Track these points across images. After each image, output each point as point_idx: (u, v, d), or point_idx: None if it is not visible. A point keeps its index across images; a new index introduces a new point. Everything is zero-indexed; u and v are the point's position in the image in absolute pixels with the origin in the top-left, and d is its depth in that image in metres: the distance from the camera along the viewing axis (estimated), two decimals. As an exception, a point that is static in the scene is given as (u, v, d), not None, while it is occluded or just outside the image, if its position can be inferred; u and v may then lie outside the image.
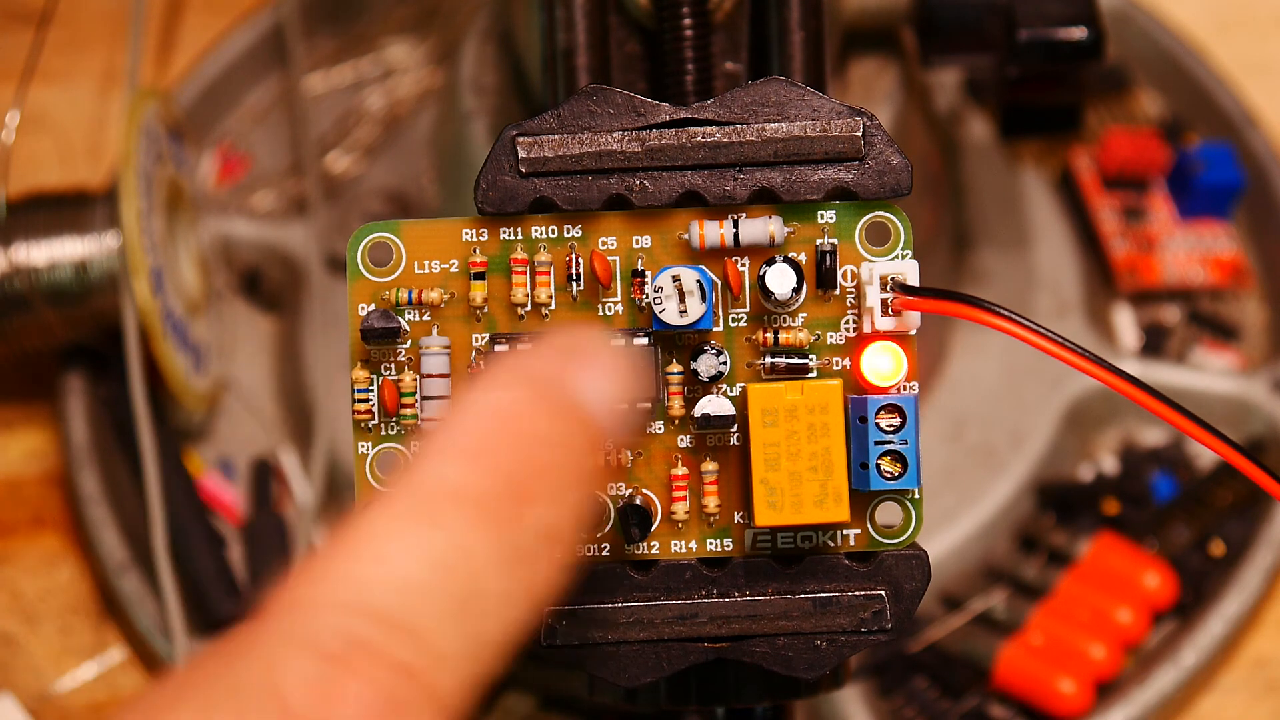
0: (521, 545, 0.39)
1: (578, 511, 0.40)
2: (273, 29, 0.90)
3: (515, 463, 0.39)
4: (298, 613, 0.37)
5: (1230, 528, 0.78)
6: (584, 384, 0.41)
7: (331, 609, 0.37)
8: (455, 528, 0.38)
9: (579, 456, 0.40)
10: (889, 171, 0.48)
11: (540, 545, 0.39)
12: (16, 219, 0.78)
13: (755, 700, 0.55)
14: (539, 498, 0.39)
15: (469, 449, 0.39)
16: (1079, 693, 0.73)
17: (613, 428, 0.41)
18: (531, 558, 0.39)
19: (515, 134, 0.49)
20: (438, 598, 0.37)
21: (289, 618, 0.37)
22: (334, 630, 0.36)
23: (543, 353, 0.41)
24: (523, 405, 0.40)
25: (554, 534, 0.39)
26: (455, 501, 0.38)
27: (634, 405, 0.44)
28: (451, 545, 0.38)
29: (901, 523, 0.49)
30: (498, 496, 0.39)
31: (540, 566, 0.39)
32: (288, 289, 0.84)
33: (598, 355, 0.41)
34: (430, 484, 0.39)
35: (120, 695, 0.77)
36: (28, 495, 0.82)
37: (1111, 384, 0.46)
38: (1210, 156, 0.84)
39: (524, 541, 0.39)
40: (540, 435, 0.40)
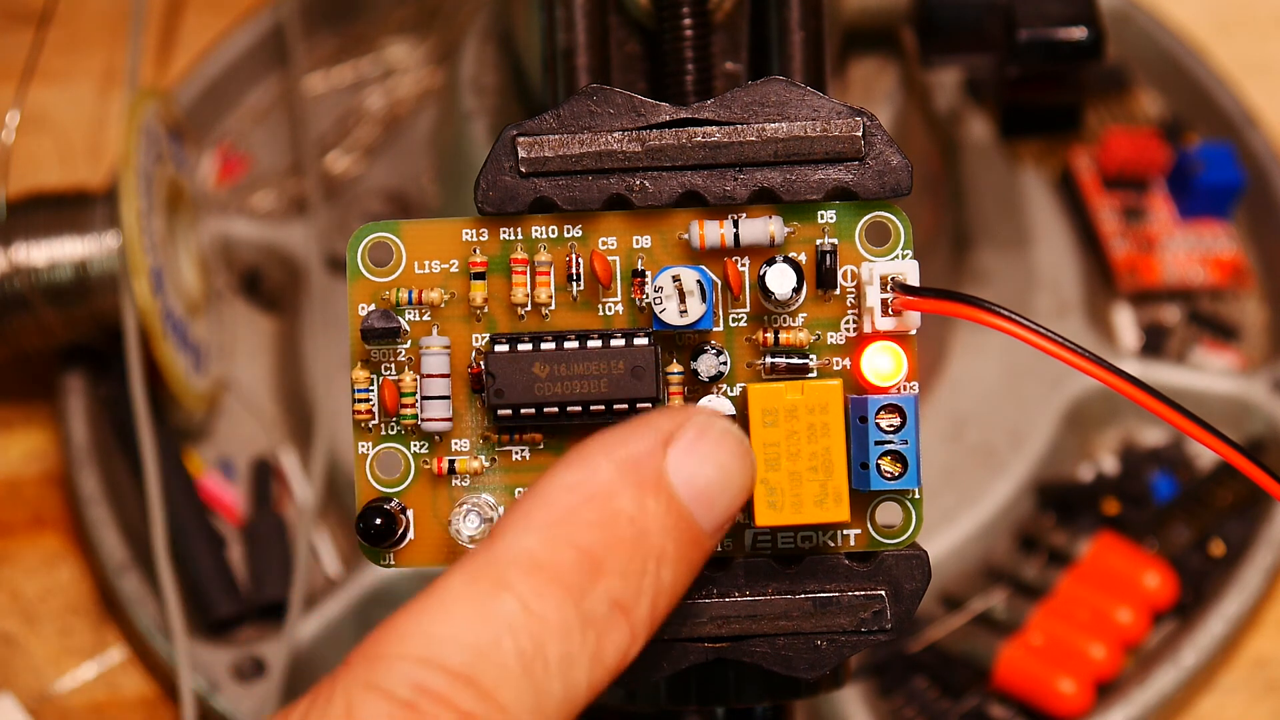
0: (589, 613, 0.42)
1: (655, 586, 0.43)
2: (273, 29, 0.90)
3: (592, 536, 0.43)
4: (375, 663, 0.41)
5: (1230, 528, 0.78)
6: (675, 467, 0.44)
7: (405, 661, 0.41)
8: (524, 593, 0.42)
9: (659, 535, 0.43)
10: (889, 171, 0.48)
11: (610, 614, 0.42)
12: (16, 219, 0.78)
13: (755, 700, 0.55)
14: (612, 571, 0.43)
15: (548, 521, 0.43)
16: (1079, 693, 0.73)
17: (702, 512, 0.44)
18: (600, 625, 0.42)
19: (515, 134, 0.49)
20: (503, 656, 0.41)
21: (367, 667, 0.41)
22: (406, 679, 0.41)
23: (638, 432, 0.44)
24: (608, 482, 0.43)
25: (624, 605, 0.43)
26: (528, 569, 0.42)
27: (730, 493, 0.45)
28: (518, 609, 0.42)
29: (901, 523, 0.49)
30: (570, 567, 0.42)
31: (609, 634, 0.42)
32: (288, 289, 0.84)
33: (695, 440, 0.44)
34: (507, 551, 0.42)
35: (120, 695, 0.77)
36: (28, 495, 0.82)
37: (1111, 384, 0.46)
38: (1210, 156, 0.84)
39: (592, 610, 0.42)
40: (620, 512, 0.43)
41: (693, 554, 0.45)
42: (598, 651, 0.42)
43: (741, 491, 0.46)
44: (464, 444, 0.49)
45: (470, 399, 0.49)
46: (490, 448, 0.49)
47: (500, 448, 0.49)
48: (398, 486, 0.49)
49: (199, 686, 0.73)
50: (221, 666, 0.74)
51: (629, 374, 0.48)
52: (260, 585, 0.77)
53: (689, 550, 0.44)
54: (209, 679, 0.74)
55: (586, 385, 0.48)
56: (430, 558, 0.50)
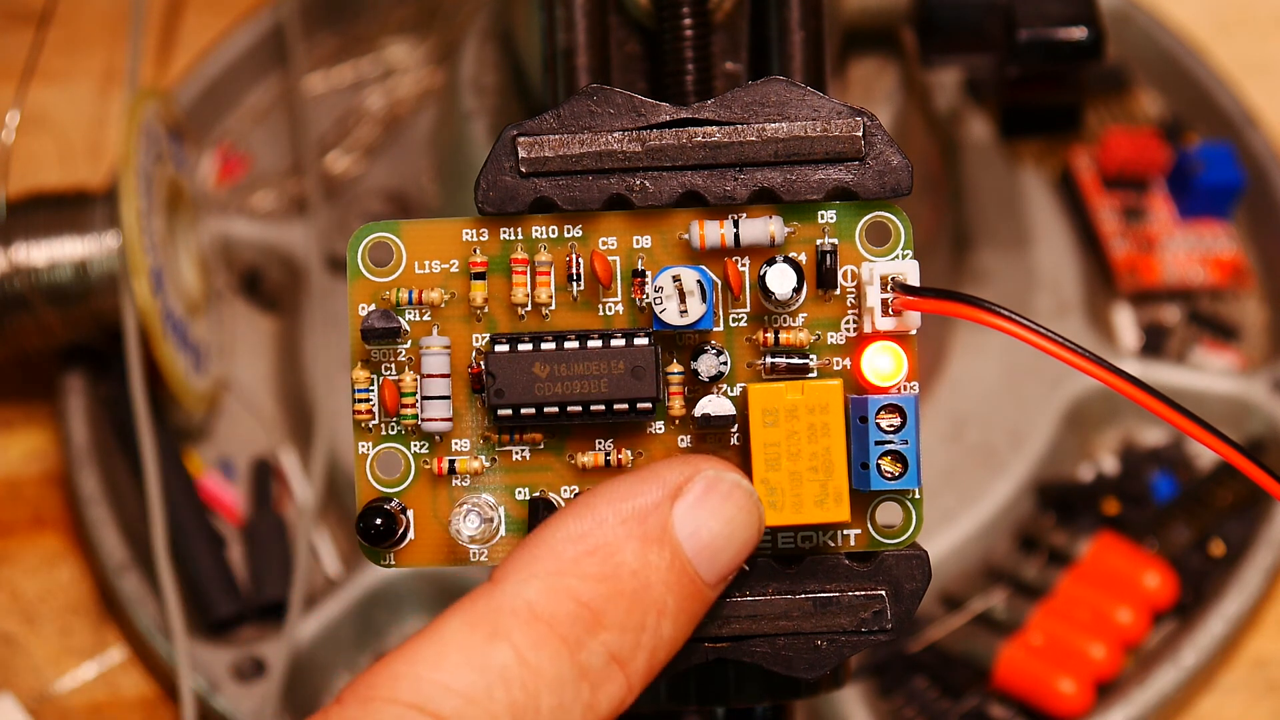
0: (585, 665, 0.42)
1: (654, 639, 0.43)
2: (273, 29, 0.90)
3: (591, 589, 0.43)
4: (367, 705, 0.41)
5: (1230, 528, 0.78)
6: (681, 520, 0.44)
7: (395, 704, 0.41)
8: (519, 643, 0.42)
9: (661, 588, 0.44)
10: (889, 171, 0.48)
11: (606, 667, 0.43)
12: (16, 219, 0.78)
13: (755, 700, 0.55)
14: (611, 624, 0.43)
15: (549, 571, 0.43)
16: (1079, 693, 0.73)
17: (705, 565, 0.44)
18: (595, 677, 0.42)
19: (515, 134, 0.49)
20: (495, 707, 0.41)
21: (358, 707, 0.41)
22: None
23: (646, 484, 0.44)
24: (611, 534, 0.43)
25: (621, 658, 0.43)
26: (525, 619, 0.42)
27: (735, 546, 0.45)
28: (513, 659, 0.42)
29: (902, 523, 0.49)
30: (568, 618, 0.42)
31: (604, 686, 0.42)
32: (288, 289, 0.84)
33: (704, 494, 0.44)
34: (505, 600, 0.43)
35: (120, 695, 0.77)
36: (28, 495, 0.82)
37: (1111, 384, 0.46)
38: (1210, 156, 0.84)
39: (588, 662, 0.42)
40: (623, 566, 0.43)
41: (693, 606, 0.45)
42: (592, 703, 0.42)
43: (747, 544, 0.46)
44: (464, 444, 0.49)
45: (470, 399, 0.49)
46: (490, 448, 0.49)
47: (500, 448, 0.49)
48: (398, 486, 0.49)
49: (199, 686, 0.73)
50: (221, 666, 0.74)
51: (629, 374, 0.48)
52: (260, 585, 0.77)
53: (689, 603, 0.44)
54: (209, 679, 0.74)
55: (586, 385, 0.48)
56: (430, 558, 0.49)
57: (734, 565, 0.45)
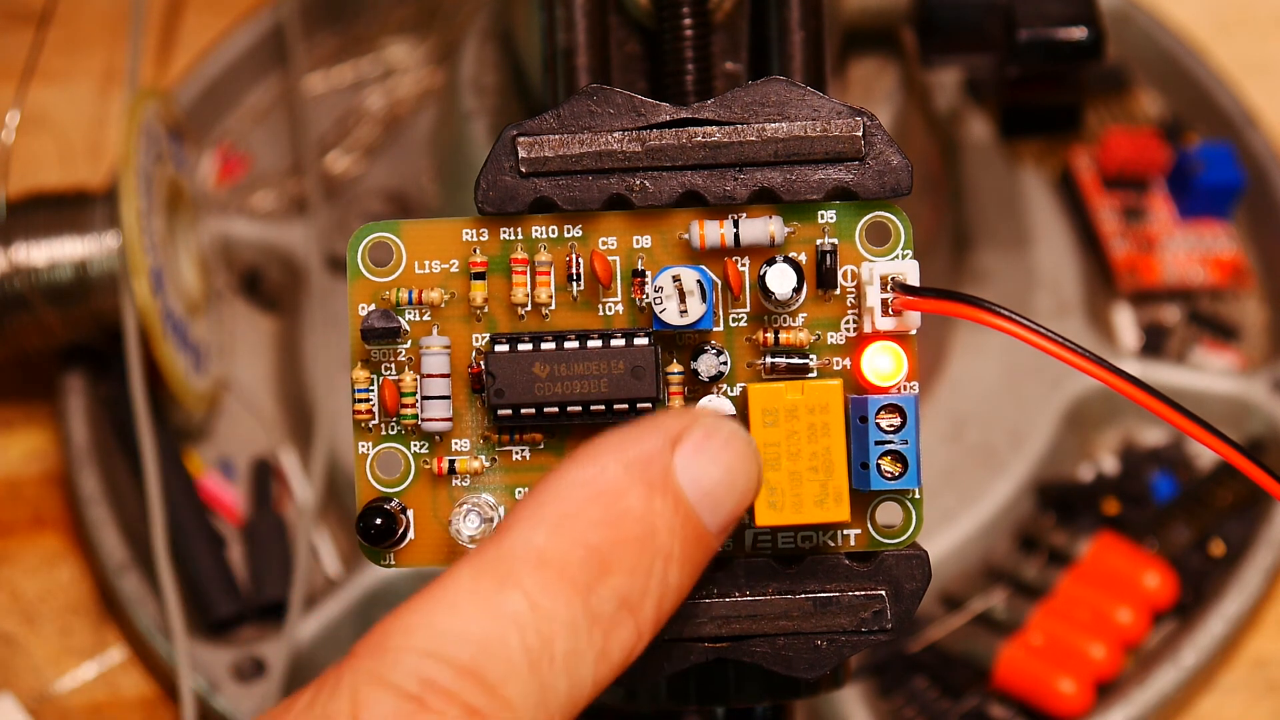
0: (596, 610, 0.42)
1: (662, 585, 0.43)
2: (273, 29, 0.90)
3: (599, 534, 0.43)
4: (382, 655, 0.41)
5: (1230, 528, 0.78)
6: (682, 467, 0.44)
7: (411, 654, 0.41)
8: (531, 589, 0.42)
9: (666, 534, 0.43)
10: (889, 171, 0.48)
11: (616, 612, 0.43)
12: (16, 219, 0.78)
13: (755, 700, 0.55)
14: (619, 568, 0.43)
15: (556, 518, 0.43)
16: (1079, 693, 0.73)
17: (708, 512, 0.44)
18: (606, 623, 0.42)
19: (515, 134, 0.49)
20: (508, 651, 0.41)
21: (373, 658, 0.41)
22: (412, 673, 0.40)
23: (646, 432, 0.44)
24: (616, 481, 0.43)
25: (631, 603, 0.43)
26: (535, 565, 0.42)
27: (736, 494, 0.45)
28: (526, 605, 0.42)
29: (902, 523, 0.49)
30: (577, 563, 0.42)
31: (616, 632, 0.42)
32: (288, 289, 0.84)
33: (702, 441, 0.44)
34: (515, 547, 0.42)
35: (120, 695, 0.77)
36: (28, 495, 0.82)
37: (1111, 384, 0.46)
38: (1210, 156, 0.84)
39: (599, 607, 0.42)
40: (629, 511, 0.43)
41: (698, 554, 0.45)
42: (604, 649, 0.42)
43: (747, 493, 0.46)
44: (464, 444, 0.49)
45: (470, 399, 0.49)
46: (490, 448, 0.49)
47: (500, 448, 0.49)
48: (398, 486, 0.49)
49: (199, 686, 0.73)
50: (221, 666, 0.74)
51: (629, 374, 0.48)
52: (260, 585, 0.77)
53: (694, 550, 0.44)
54: (209, 679, 0.74)
55: (586, 385, 0.48)
56: (430, 558, 0.50)
57: (735, 514, 0.45)
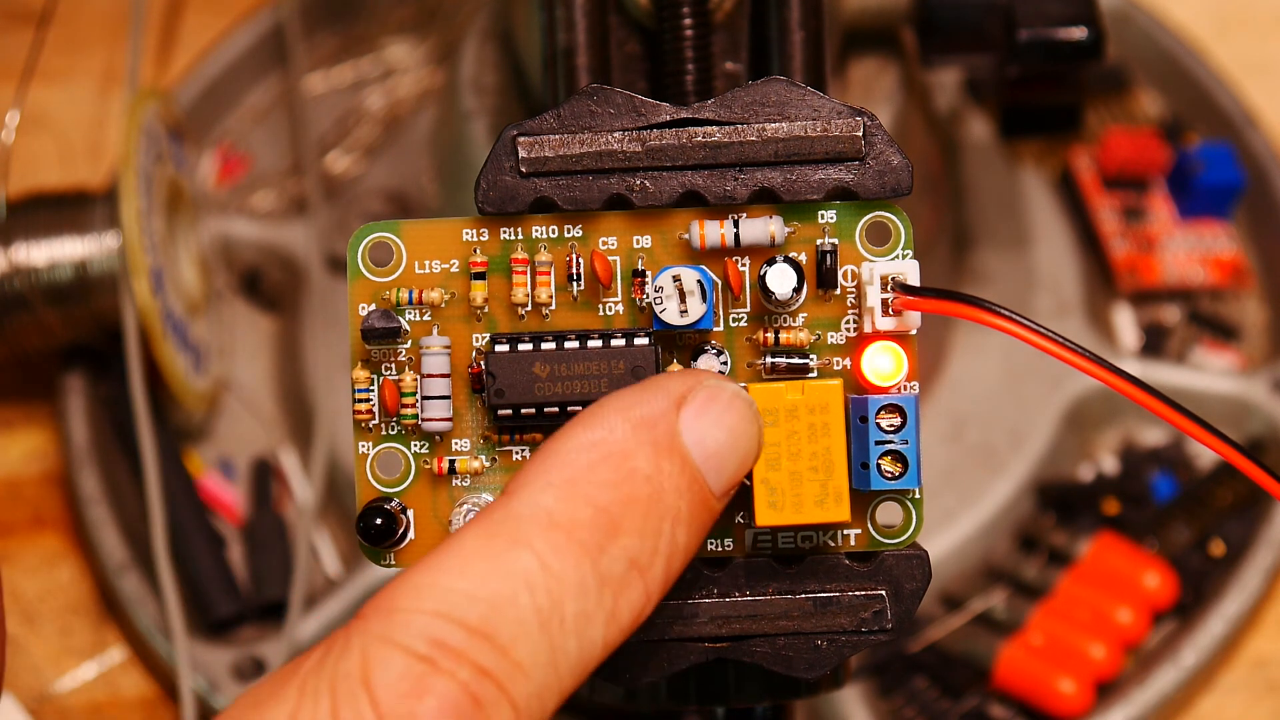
0: (606, 572, 0.42)
1: (670, 546, 0.43)
2: (273, 29, 0.90)
3: (608, 495, 0.43)
4: (391, 616, 0.41)
5: (1230, 528, 0.78)
6: (687, 429, 0.44)
7: (420, 614, 0.41)
8: (541, 550, 0.42)
9: (674, 495, 0.43)
10: (889, 171, 0.48)
11: (626, 573, 0.42)
12: (16, 219, 0.78)
13: (755, 700, 0.55)
14: (628, 529, 0.43)
15: (565, 479, 0.43)
16: (1079, 693, 0.73)
17: (712, 474, 0.44)
18: (615, 584, 0.42)
19: (515, 134, 0.49)
20: (518, 612, 0.41)
21: (382, 619, 0.41)
22: (421, 633, 0.40)
23: (651, 394, 0.44)
24: (623, 442, 0.43)
25: (640, 564, 0.43)
26: (544, 526, 0.42)
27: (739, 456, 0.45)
28: (536, 566, 0.41)
29: (902, 523, 0.49)
30: (586, 524, 0.42)
31: (625, 593, 0.42)
32: (288, 289, 0.84)
33: (706, 403, 0.44)
34: (523, 509, 0.42)
35: (120, 695, 0.77)
36: (28, 495, 0.82)
37: (1111, 384, 0.46)
38: (1210, 156, 0.84)
39: (609, 569, 0.42)
40: (637, 471, 0.43)
41: (703, 516, 0.45)
42: (614, 610, 0.42)
43: (749, 455, 0.46)
44: (464, 444, 0.49)
45: (470, 399, 0.49)
46: (490, 448, 0.49)
47: (500, 448, 0.49)
48: (398, 486, 0.49)
49: (199, 686, 0.73)
50: (221, 666, 0.74)
51: (629, 374, 0.48)
52: (260, 585, 0.77)
53: (700, 512, 0.44)
54: (209, 679, 0.74)
55: (587, 385, 0.48)
56: (430, 558, 0.49)
57: (737, 477, 0.45)
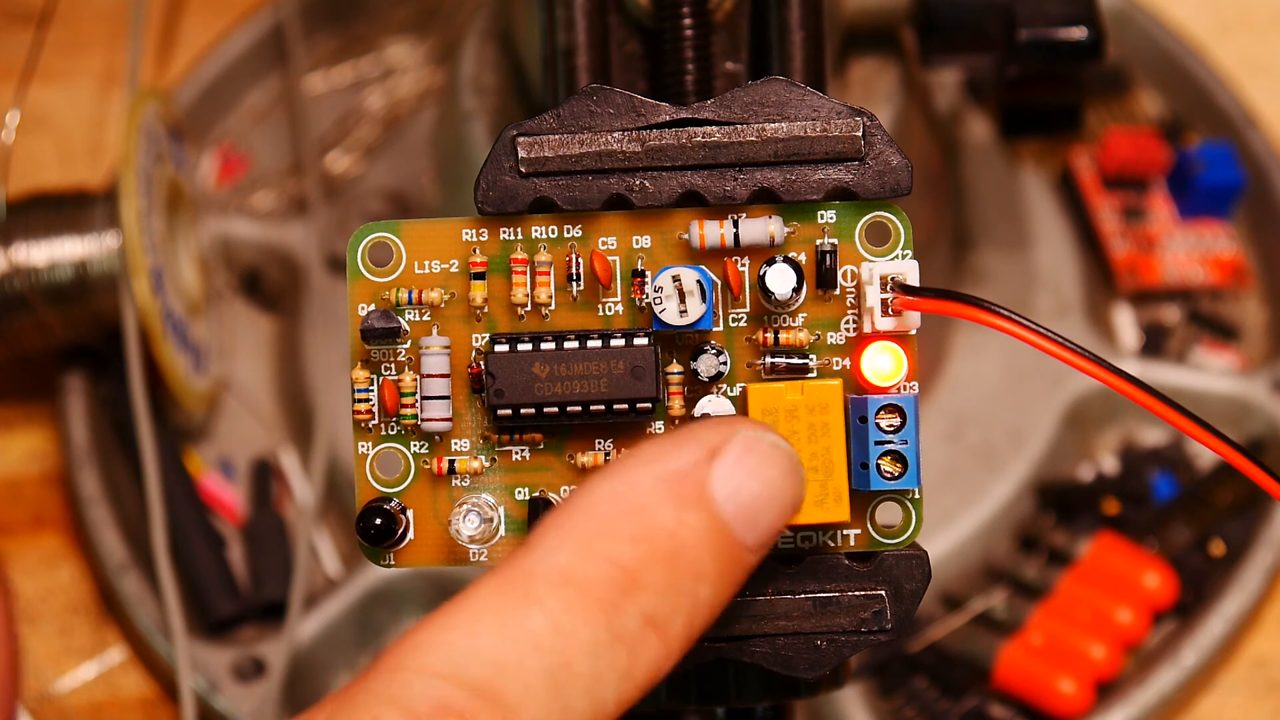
0: (621, 630, 0.41)
1: (692, 603, 0.42)
2: (273, 29, 0.90)
3: (626, 551, 0.41)
4: (395, 675, 0.40)
5: (1230, 528, 0.78)
6: (719, 482, 0.42)
7: (426, 675, 0.40)
8: (553, 608, 0.41)
9: (698, 551, 0.42)
10: (889, 171, 0.48)
11: (642, 631, 0.41)
12: (16, 219, 0.78)
13: (755, 700, 0.55)
14: (647, 587, 0.41)
15: (582, 534, 0.42)
16: (1079, 693, 0.73)
17: (744, 527, 0.43)
18: (631, 642, 0.41)
19: (515, 134, 0.49)
20: (527, 673, 0.40)
21: (386, 679, 0.40)
22: (427, 695, 0.39)
23: (683, 445, 0.43)
24: (648, 496, 0.42)
25: (658, 622, 0.41)
26: (557, 584, 0.41)
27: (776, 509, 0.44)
28: (546, 625, 0.40)
29: (902, 523, 0.49)
30: (602, 582, 0.41)
31: (642, 652, 0.41)
32: (288, 289, 0.84)
33: (743, 454, 0.43)
34: (537, 564, 0.41)
35: (120, 695, 0.77)
36: (28, 495, 0.82)
37: (1111, 384, 0.46)
38: (1210, 156, 0.84)
39: (624, 627, 0.41)
40: (659, 527, 0.42)
41: (734, 570, 0.43)
42: (628, 669, 0.41)
43: (788, 507, 0.44)
44: (464, 444, 0.49)
45: (470, 399, 0.49)
46: (490, 448, 0.49)
47: (500, 448, 0.49)
48: (398, 486, 0.49)
49: (199, 686, 0.73)
50: (221, 666, 0.74)
51: (629, 374, 0.48)
52: (260, 585, 0.77)
53: (729, 567, 0.43)
54: (209, 679, 0.74)
55: (586, 385, 0.48)
56: (430, 558, 0.49)
57: (775, 529, 0.44)
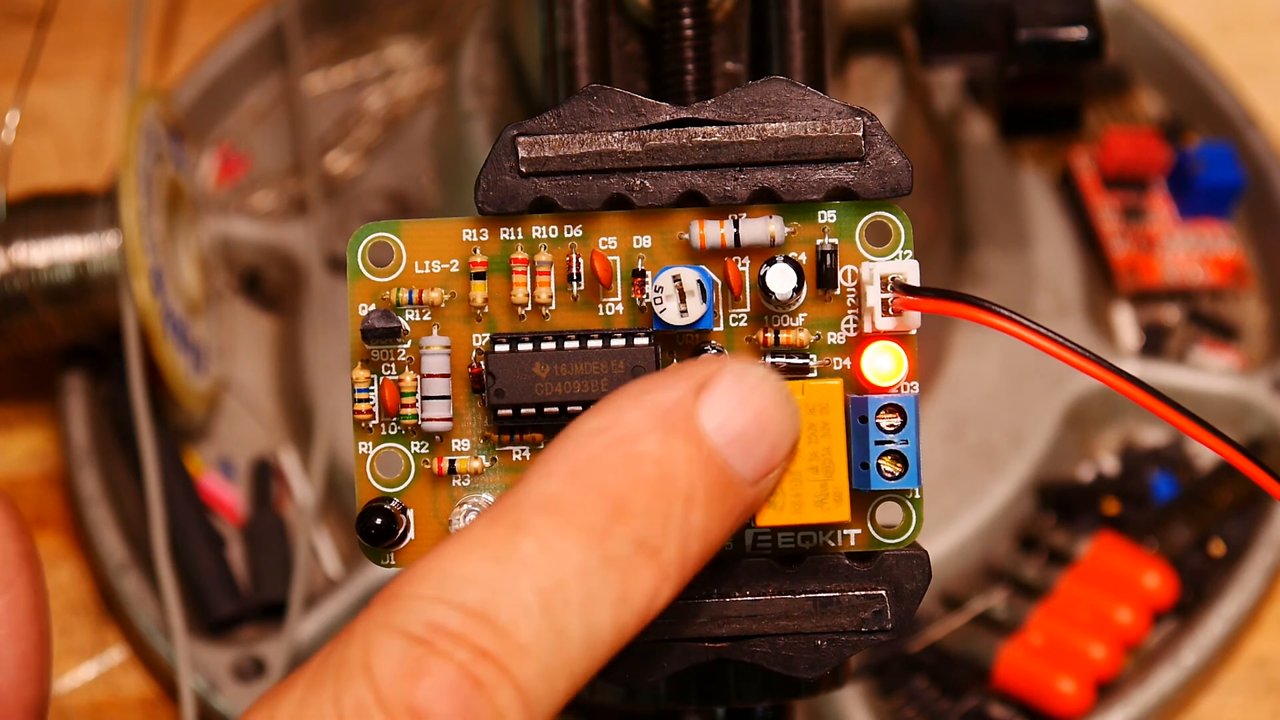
0: (612, 554, 0.42)
1: (684, 528, 0.43)
2: (273, 29, 0.90)
3: (613, 478, 0.42)
4: (391, 602, 0.41)
5: (1230, 528, 0.78)
6: (707, 412, 0.43)
7: (419, 600, 0.41)
8: (543, 533, 0.41)
9: (687, 477, 0.43)
10: (889, 171, 0.48)
11: (634, 555, 0.42)
12: (16, 219, 0.78)
13: (755, 700, 0.55)
14: (636, 512, 0.42)
15: (570, 465, 0.42)
16: (1079, 693, 0.73)
17: (737, 457, 0.43)
18: (623, 566, 0.42)
19: (515, 134, 0.49)
20: (519, 594, 0.41)
21: (383, 606, 0.41)
22: (421, 617, 0.40)
23: (669, 379, 0.44)
24: (635, 426, 0.43)
25: (650, 546, 0.42)
26: (547, 511, 0.42)
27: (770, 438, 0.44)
28: (537, 548, 0.41)
29: (902, 523, 0.49)
30: (592, 508, 0.42)
31: (635, 576, 0.42)
32: (288, 289, 0.84)
33: (730, 385, 0.44)
34: (526, 496, 0.42)
35: (120, 695, 0.77)
36: (28, 495, 0.82)
37: (1111, 384, 0.46)
38: (1210, 156, 0.84)
39: (615, 550, 0.42)
40: (644, 454, 0.42)
41: (728, 499, 0.44)
42: (623, 593, 0.42)
43: (782, 437, 0.45)
44: (464, 444, 0.49)
45: (470, 399, 0.49)
46: (491, 448, 0.49)
47: (501, 448, 0.49)
48: (398, 486, 0.49)
49: (199, 686, 0.73)
50: (221, 666, 0.74)
51: (629, 374, 0.48)
52: (260, 585, 0.77)
53: (723, 496, 0.43)
54: (209, 679, 0.74)
55: (587, 385, 0.48)
56: (430, 558, 0.49)
57: (771, 460, 0.44)
